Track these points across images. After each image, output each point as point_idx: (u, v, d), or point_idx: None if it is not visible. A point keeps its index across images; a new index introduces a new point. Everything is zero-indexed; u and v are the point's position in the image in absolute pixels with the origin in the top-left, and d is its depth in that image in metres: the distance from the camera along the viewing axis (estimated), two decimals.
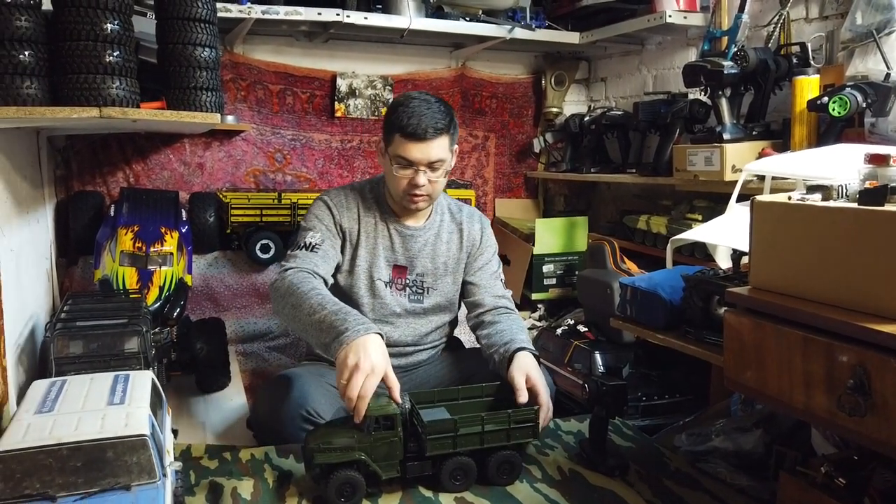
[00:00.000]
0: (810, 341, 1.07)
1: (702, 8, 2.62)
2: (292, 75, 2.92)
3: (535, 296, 2.98)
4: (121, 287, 1.99)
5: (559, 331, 2.49)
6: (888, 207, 1.01)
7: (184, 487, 1.29)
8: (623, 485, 1.53)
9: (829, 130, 1.96)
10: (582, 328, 2.46)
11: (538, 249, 2.94)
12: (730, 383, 1.25)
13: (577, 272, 2.83)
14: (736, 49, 2.21)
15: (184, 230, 2.33)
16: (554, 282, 2.99)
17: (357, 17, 2.64)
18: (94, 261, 2.20)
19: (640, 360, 2.29)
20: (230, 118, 2.73)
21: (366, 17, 2.66)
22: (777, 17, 2.28)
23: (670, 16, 2.56)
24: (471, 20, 2.88)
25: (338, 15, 2.60)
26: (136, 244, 2.09)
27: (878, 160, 1.11)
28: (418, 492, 1.46)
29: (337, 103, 2.98)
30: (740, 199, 1.74)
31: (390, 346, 1.87)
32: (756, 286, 1.21)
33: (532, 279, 2.96)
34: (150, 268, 2.07)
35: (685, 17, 2.59)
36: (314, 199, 1.93)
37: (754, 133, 2.21)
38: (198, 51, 1.74)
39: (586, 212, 3.38)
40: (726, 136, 2.16)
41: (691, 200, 2.52)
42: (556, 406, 2.22)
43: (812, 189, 1.17)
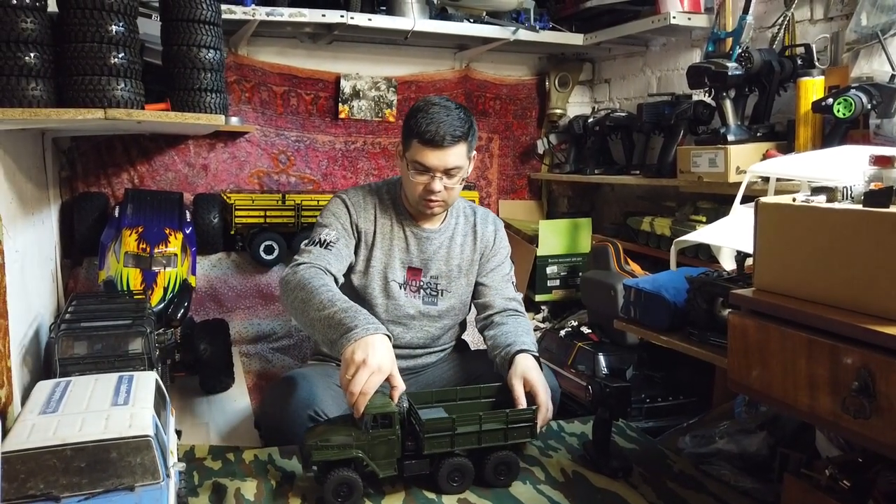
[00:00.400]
0: (815, 343, 1.07)
1: (706, 9, 2.62)
2: (296, 77, 2.93)
3: (539, 297, 2.97)
4: (125, 288, 2.00)
5: (562, 332, 2.49)
6: (893, 209, 1.01)
7: (187, 488, 1.30)
8: (626, 487, 1.53)
9: (833, 132, 1.95)
10: (585, 330, 2.45)
11: (542, 251, 2.94)
12: (734, 385, 1.25)
13: (580, 274, 2.82)
14: (740, 50, 2.21)
15: (188, 231, 2.33)
16: (557, 283, 2.99)
17: (361, 19, 2.64)
18: (99, 262, 2.21)
19: (644, 361, 2.29)
20: (234, 120, 2.74)
21: (370, 19, 2.66)
22: (781, 18, 2.28)
23: (674, 17, 2.55)
24: (475, 21, 2.88)
25: (342, 16, 2.60)
26: (141, 245, 2.10)
27: (883, 162, 1.10)
28: (421, 494, 1.46)
29: (341, 105, 2.98)
30: (744, 200, 1.74)
31: (401, 347, 1.88)
32: (760, 288, 1.21)
33: (535, 280, 2.96)
34: (154, 269, 2.08)
35: (689, 19, 2.58)
36: (332, 197, 1.94)
37: (759, 134, 2.20)
38: (202, 52, 1.74)
39: (590, 213, 3.37)
40: (730, 137, 2.15)
41: (695, 202, 2.52)
42: (559, 407, 2.24)
43: (817, 191, 1.17)
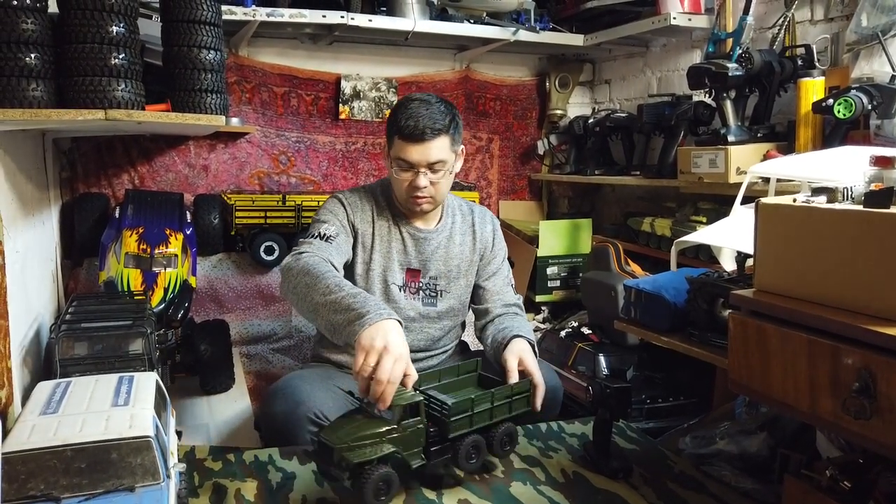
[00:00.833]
0: (815, 344, 1.07)
1: (706, 10, 2.62)
2: (297, 77, 2.93)
3: (539, 298, 2.97)
4: (125, 289, 2.00)
5: (563, 333, 2.49)
6: (894, 210, 1.01)
7: (187, 489, 1.29)
8: (627, 487, 1.52)
9: (834, 132, 1.95)
10: (586, 330, 2.45)
11: (542, 251, 2.94)
12: (734, 386, 1.25)
13: (580, 274, 2.82)
14: (741, 51, 2.21)
15: (188, 232, 2.33)
16: (558, 284, 2.99)
17: (361, 20, 2.64)
18: (99, 262, 2.21)
19: (644, 362, 2.29)
20: (235, 120, 2.74)
21: (370, 20, 2.66)
22: (782, 18, 2.28)
23: (675, 18, 2.55)
24: (475, 22, 2.89)
25: (342, 17, 2.60)
26: (141, 246, 2.10)
27: (884, 162, 1.10)
28: (421, 493, 1.46)
29: (341, 105, 2.98)
30: (745, 201, 1.74)
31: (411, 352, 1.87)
32: (761, 288, 1.21)
33: (536, 281, 2.96)
34: (154, 269, 2.08)
35: (689, 19, 2.58)
36: (328, 197, 1.93)
37: (759, 135, 2.20)
38: (203, 53, 1.74)
39: (590, 214, 3.38)
40: (731, 138, 2.16)
41: (696, 203, 2.52)
42: (560, 407, 2.24)
43: (817, 191, 1.17)
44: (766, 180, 1.84)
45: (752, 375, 1.19)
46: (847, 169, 1.33)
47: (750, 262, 1.50)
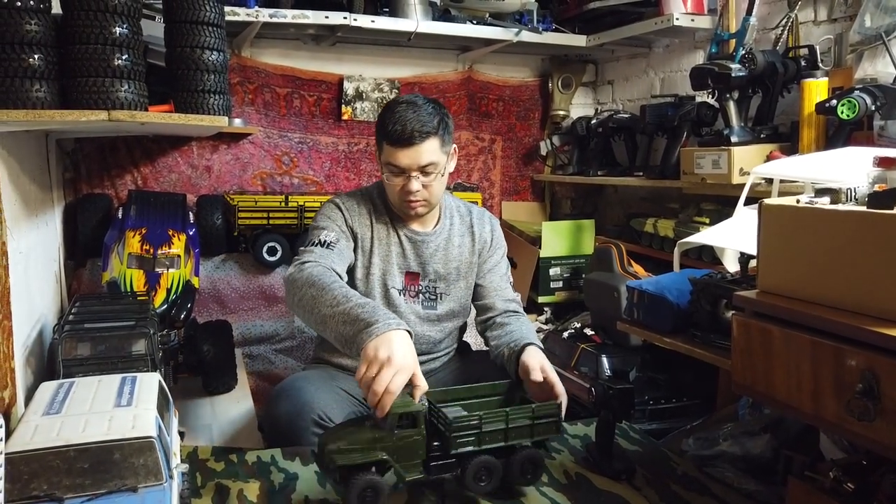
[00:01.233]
0: (819, 345, 1.06)
1: (709, 11, 2.61)
2: (299, 78, 2.93)
3: (542, 299, 2.97)
4: (128, 289, 2.00)
5: (566, 334, 2.49)
6: None
7: (190, 489, 1.29)
8: (630, 489, 1.52)
9: (837, 133, 1.95)
10: (588, 331, 2.45)
11: (545, 252, 2.94)
12: (737, 387, 1.25)
13: (583, 275, 2.82)
14: (744, 52, 2.21)
15: (191, 233, 2.34)
16: (560, 285, 2.99)
17: (364, 21, 2.65)
18: (102, 263, 2.21)
19: (647, 363, 2.29)
20: (237, 121, 2.74)
21: (373, 21, 2.67)
22: (785, 19, 2.28)
23: (678, 18, 2.55)
24: (478, 23, 2.89)
25: (345, 18, 2.61)
26: (144, 246, 2.10)
27: (888, 163, 1.10)
28: (425, 497, 1.45)
29: (344, 106, 2.98)
30: (748, 202, 1.74)
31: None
32: (764, 290, 1.21)
33: (538, 282, 2.95)
34: (157, 270, 2.08)
35: (692, 20, 2.58)
36: (324, 202, 1.90)
37: (762, 136, 2.20)
38: (206, 54, 1.75)
39: (593, 215, 3.37)
40: (734, 139, 2.15)
41: (699, 204, 2.52)
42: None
43: (821, 192, 1.16)
44: (770, 181, 1.84)
45: (756, 377, 1.19)
46: (850, 170, 1.32)
47: (753, 263, 1.49)
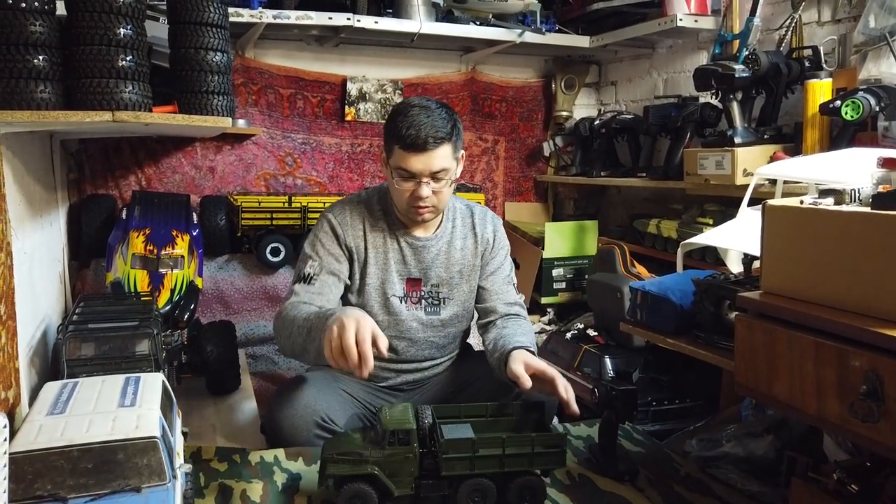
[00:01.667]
0: (822, 346, 1.06)
1: (713, 11, 2.61)
2: (303, 79, 2.94)
3: (545, 300, 2.97)
4: (132, 290, 2.01)
5: (569, 335, 2.48)
6: None
7: (193, 490, 1.30)
8: (633, 490, 1.52)
9: (841, 134, 1.95)
10: (592, 332, 2.45)
11: (548, 253, 2.94)
12: (741, 388, 1.24)
13: (586, 276, 2.82)
14: (747, 52, 2.21)
15: (195, 233, 2.34)
16: (563, 286, 2.98)
17: (368, 22, 2.65)
18: (106, 263, 2.22)
19: (651, 364, 2.28)
20: (241, 122, 2.75)
21: (376, 22, 2.67)
22: (789, 20, 2.28)
23: (681, 19, 2.55)
24: (481, 24, 2.89)
25: (348, 19, 2.61)
26: (148, 247, 2.11)
27: (891, 164, 1.10)
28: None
29: (347, 107, 2.99)
30: (752, 203, 1.73)
31: (408, 361, 1.85)
32: (767, 290, 1.20)
33: (541, 283, 2.95)
34: (161, 270, 2.08)
35: (696, 21, 2.58)
36: (319, 216, 1.86)
37: (766, 137, 2.19)
38: (209, 55, 1.75)
39: (596, 216, 3.37)
40: (737, 139, 2.15)
41: (702, 204, 2.51)
42: (562, 410, 2.23)
43: (824, 193, 1.16)
44: (773, 182, 1.83)
45: (759, 378, 1.19)
46: (854, 171, 1.32)
47: (756, 264, 1.49)
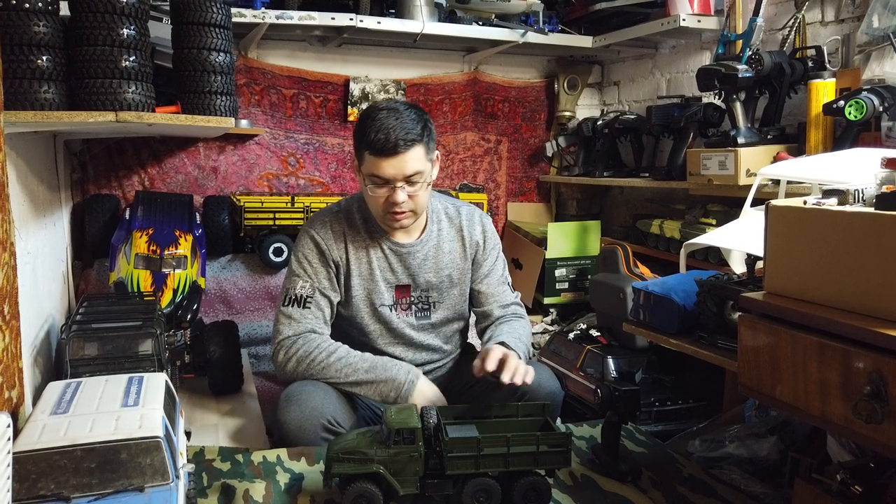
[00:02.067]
0: (826, 347, 1.06)
1: (716, 11, 2.61)
2: (306, 79, 2.94)
3: (548, 300, 2.97)
4: (135, 289, 2.01)
5: (571, 335, 2.48)
6: None
7: (196, 489, 1.30)
8: (636, 490, 1.52)
9: (845, 134, 1.94)
10: (594, 333, 2.44)
11: (550, 253, 2.94)
12: (744, 389, 1.24)
13: (589, 276, 2.81)
14: (750, 52, 2.21)
15: (198, 233, 2.35)
16: (566, 286, 2.98)
17: (370, 22, 2.65)
18: (110, 263, 2.22)
19: (653, 365, 2.28)
20: (244, 122, 2.75)
21: (379, 22, 2.67)
22: (792, 20, 2.27)
23: (684, 19, 2.55)
24: (484, 24, 2.89)
25: (351, 19, 2.61)
26: (151, 247, 2.11)
27: (895, 164, 1.09)
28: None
29: (350, 107, 2.99)
30: (755, 203, 1.73)
31: (410, 364, 1.82)
32: (771, 291, 1.20)
33: (544, 283, 2.95)
34: (164, 270, 2.09)
35: (699, 21, 2.58)
36: (300, 232, 1.84)
37: (769, 137, 2.19)
38: (212, 55, 1.76)
39: (599, 216, 3.37)
40: (741, 139, 2.15)
41: (705, 205, 2.51)
42: (567, 410, 2.23)
43: (828, 193, 1.16)
44: (777, 182, 1.83)
45: (762, 379, 1.18)
46: (858, 171, 1.32)
47: (760, 264, 1.49)
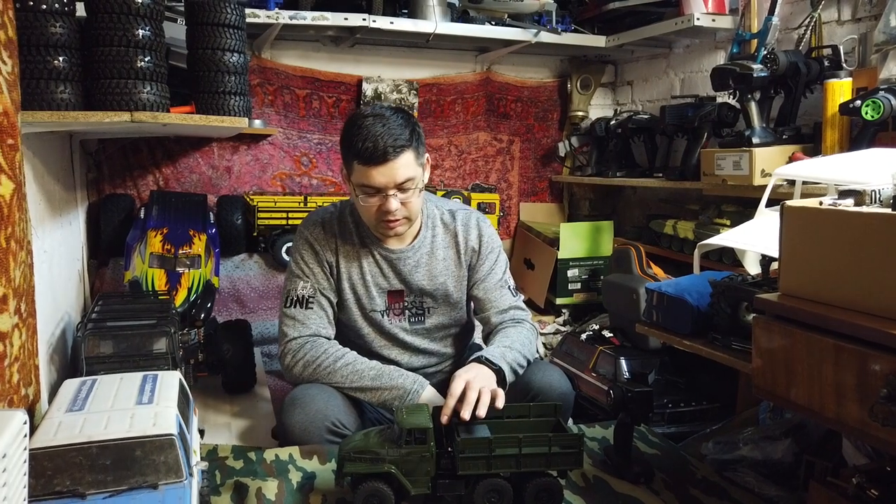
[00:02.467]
0: (842, 349, 1.05)
1: (731, 10, 2.59)
2: (319, 80, 2.95)
3: (560, 300, 2.96)
4: (150, 288, 2.03)
5: (584, 336, 2.47)
6: None
7: (209, 487, 1.31)
8: (648, 492, 1.51)
9: (861, 134, 1.92)
10: (607, 333, 2.44)
11: (563, 254, 2.93)
12: (758, 391, 1.23)
13: (602, 277, 2.80)
14: (766, 52, 2.19)
15: (211, 233, 2.36)
16: (579, 286, 2.97)
17: (383, 22, 2.65)
18: (125, 262, 2.24)
19: (667, 366, 2.27)
20: (257, 122, 2.77)
21: (392, 22, 2.67)
22: (808, 19, 2.25)
23: (698, 19, 2.53)
24: (496, 24, 2.88)
25: (364, 20, 2.62)
26: (165, 246, 2.13)
27: None
28: None
29: (362, 107, 2.99)
30: (770, 203, 1.72)
31: (411, 367, 1.81)
32: (786, 292, 1.19)
33: (556, 283, 2.94)
34: (178, 269, 2.10)
35: (713, 20, 2.56)
36: (296, 232, 1.83)
37: (784, 137, 2.17)
38: (226, 56, 1.76)
39: (612, 216, 3.35)
40: (755, 140, 2.13)
41: (719, 205, 2.49)
42: (579, 411, 2.22)
43: (844, 194, 1.15)
44: (792, 183, 1.82)
45: (777, 381, 1.18)
46: (875, 171, 1.31)
47: (774, 265, 1.48)
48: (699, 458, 1.71)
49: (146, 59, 1.55)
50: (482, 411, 1.43)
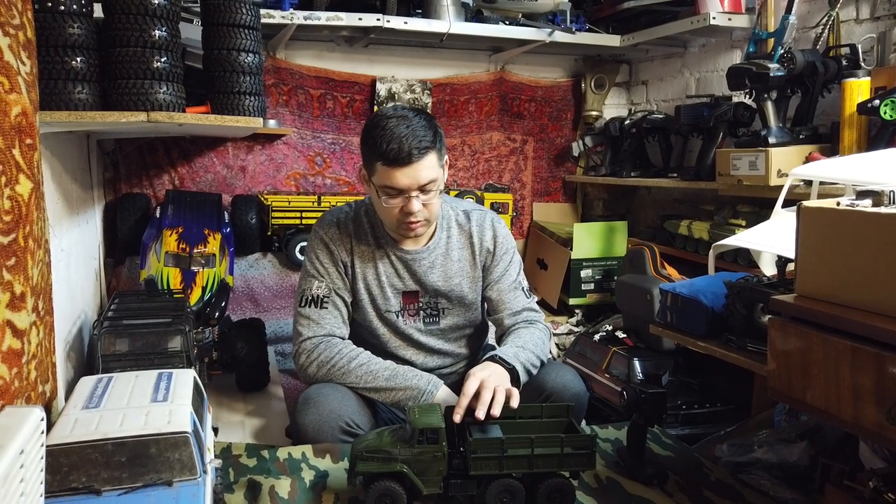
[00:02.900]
0: (859, 351, 1.04)
1: (747, 9, 2.57)
2: (333, 80, 2.96)
3: (573, 301, 2.95)
4: (165, 287, 2.04)
5: (597, 337, 2.46)
6: None
7: (223, 485, 1.31)
8: (661, 494, 1.50)
9: (880, 134, 1.90)
10: (621, 334, 2.43)
11: (576, 254, 2.92)
12: (773, 393, 1.22)
13: (615, 277, 2.79)
14: (782, 51, 2.17)
15: (226, 232, 2.38)
16: (592, 287, 2.96)
17: (397, 22, 2.66)
18: (140, 261, 2.26)
19: (681, 367, 2.26)
20: (272, 122, 2.78)
21: (406, 22, 2.68)
22: (826, 18, 2.23)
23: (714, 17, 2.51)
24: (510, 24, 2.88)
25: (378, 20, 2.62)
26: (181, 245, 2.14)
27: None
28: None
29: (376, 107, 3.00)
30: (786, 204, 1.70)
31: (425, 368, 1.81)
32: (802, 294, 1.18)
33: (570, 284, 2.93)
34: (193, 268, 2.12)
35: (730, 19, 2.54)
36: (311, 231, 1.83)
37: (801, 137, 2.15)
38: (241, 56, 1.78)
39: (626, 216, 3.34)
40: (772, 139, 2.11)
41: (735, 205, 2.47)
42: (592, 412, 2.21)
43: (862, 195, 1.14)
44: (808, 183, 1.80)
45: (793, 382, 1.17)
46: (893, 172, 1.29)
47: (791, 266, 1.47)
48: (713, 461, 1.70)
49: (162, 60, 1.56)
50: (496, 411, 1.43)
